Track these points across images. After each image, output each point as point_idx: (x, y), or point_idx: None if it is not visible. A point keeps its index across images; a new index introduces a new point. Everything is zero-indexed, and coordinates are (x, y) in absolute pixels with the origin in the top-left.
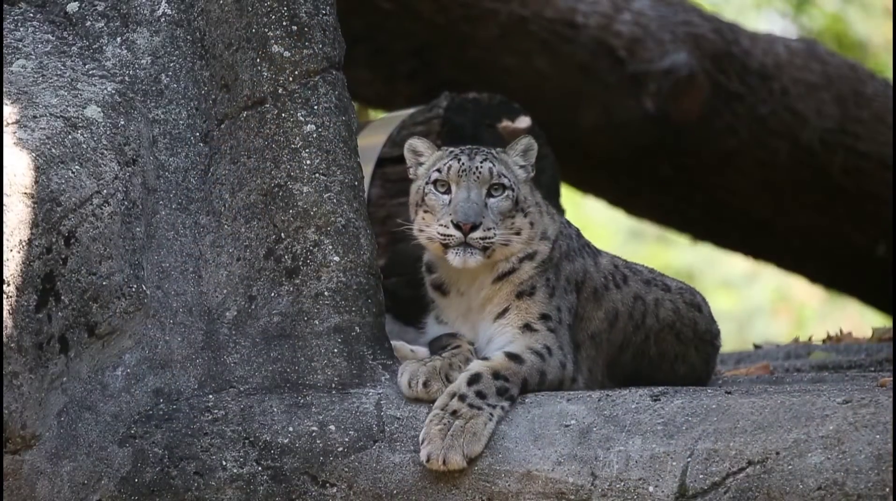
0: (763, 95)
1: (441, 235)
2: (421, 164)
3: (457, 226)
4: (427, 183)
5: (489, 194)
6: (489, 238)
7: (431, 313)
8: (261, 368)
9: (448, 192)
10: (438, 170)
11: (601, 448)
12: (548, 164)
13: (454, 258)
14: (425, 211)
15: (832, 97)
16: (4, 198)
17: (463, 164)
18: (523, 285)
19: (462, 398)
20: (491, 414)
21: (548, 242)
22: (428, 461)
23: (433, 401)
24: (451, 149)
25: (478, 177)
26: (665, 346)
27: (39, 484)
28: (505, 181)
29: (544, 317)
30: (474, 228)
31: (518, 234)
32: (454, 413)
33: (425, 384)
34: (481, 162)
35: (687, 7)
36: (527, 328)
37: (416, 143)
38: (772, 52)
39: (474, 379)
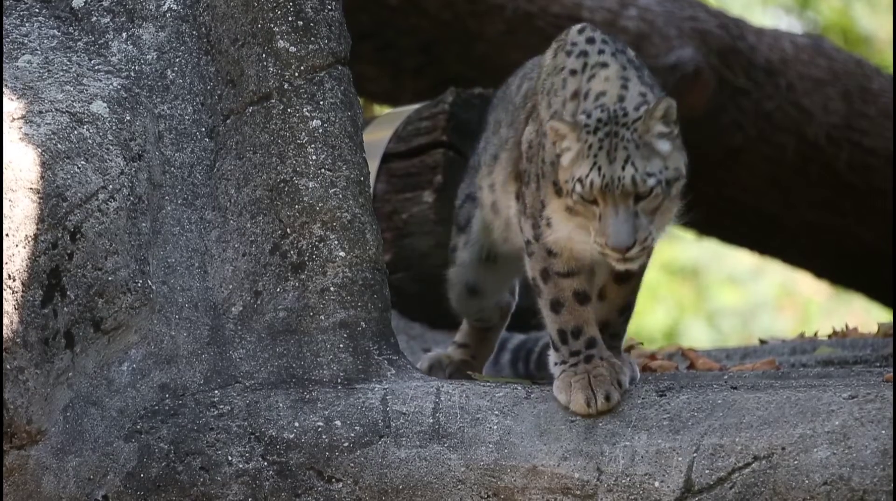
0: (769, 90)
1: (600, 253)
2: (566, 149)
3: (612, 248)
4: (573, 191)
5: (637, 199)
6: (646, 247)
7: (555, 204)
8: (266, 363)
9: (595, 203)
10: (580, 181)
11: (607, 444)
12: None
13: (616, 265)
14: (570, 205)
15: (838, 93)
16: (11, 193)
17: (605, 177)
18: None
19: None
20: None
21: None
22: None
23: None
24: (590, 141)
25: (622, 191)
26: None
27: (45, 480)
28: (651, 181)
29: None
30: (629, 248)
31: (670, 211)
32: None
33: (607, 398)
34: (622, 168)
35: (693, 2)
36: None
37: (559, 126)
38: (778, 47)
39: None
